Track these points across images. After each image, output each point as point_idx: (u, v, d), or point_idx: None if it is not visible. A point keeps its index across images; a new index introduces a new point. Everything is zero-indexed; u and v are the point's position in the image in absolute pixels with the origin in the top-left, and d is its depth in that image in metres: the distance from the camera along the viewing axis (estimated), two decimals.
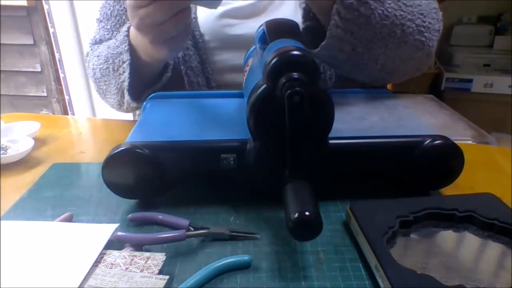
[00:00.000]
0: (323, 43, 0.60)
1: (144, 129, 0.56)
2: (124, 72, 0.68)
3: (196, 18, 0.75)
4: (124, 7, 0.79)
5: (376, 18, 0.57)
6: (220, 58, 0.76)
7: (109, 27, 0.80)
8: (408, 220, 0.45)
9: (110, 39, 0.78)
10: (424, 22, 0.61)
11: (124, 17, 0.79)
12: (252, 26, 0.69)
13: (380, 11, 0.57)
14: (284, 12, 0.75)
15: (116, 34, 0.78)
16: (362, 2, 0.56)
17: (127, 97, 0.69)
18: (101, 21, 0.81)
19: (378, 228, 0.43)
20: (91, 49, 0.80)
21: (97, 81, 0.77)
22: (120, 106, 0.77)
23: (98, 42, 0.80)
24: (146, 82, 0.72)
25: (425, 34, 0.61)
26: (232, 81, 0.76)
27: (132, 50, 0.67)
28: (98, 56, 0.75)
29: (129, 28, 0.68)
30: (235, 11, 0.75)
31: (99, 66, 0.74)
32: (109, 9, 0.80)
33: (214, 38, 0.76)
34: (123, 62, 0.67)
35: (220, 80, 0.77)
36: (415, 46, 0.62)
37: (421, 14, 0.61)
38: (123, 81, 0.69)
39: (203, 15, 0.76)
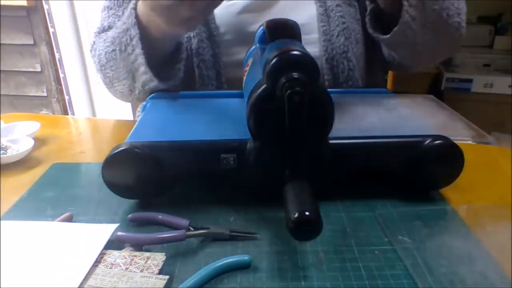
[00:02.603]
0: (395, 28, 0.65)
1: (144, 129, 0.56)
2: (133, 50, 0.63)
3: None
4: None
5: (429, 3, 0.62)
6: (233, 52, 0.75)
7: (120, 13, 0.75)
8: None
9: (110, 24, 0.75)
10: (459, 6, 0.67)
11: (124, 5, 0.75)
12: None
13: None
14: (301, 3, 0.75)
15: (114, 20, 0.75)
16: None
17: (144, 76, 0.65)
18: (110, 8, 0.77)
19: None
20: (98, 37, 0.75)
21: (103, 68, 0.71)
22: (131, 92, 0.72)
23: (106, 29, 0.75)
24: (159, 61, 0.67)
25: (461, 16, 0.68)
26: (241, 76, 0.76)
27: (140, 24, 0.63)
28: (104, 40, 0.71)
29: (136, 2, 0.64)
30: (254, 6, 0.75)
31: (105, 50, 0.69)
32: (109, 1, 0.77)
33: (230, 31, 0.75)
34: (132, 39, 0.63)
35: (230, 75, 0.75)
36: (455, 27, 0.68)
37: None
38: (133, 62, 0.65)
39: (221, 8, 0.72)
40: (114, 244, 0.44)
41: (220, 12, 0.74)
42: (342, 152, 0.50)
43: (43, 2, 1.92)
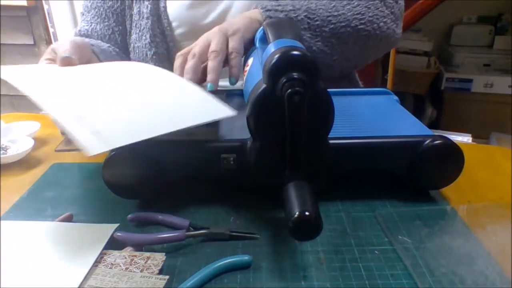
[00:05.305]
0: None
1: None
2: None
3: (165, 7, 0.77)
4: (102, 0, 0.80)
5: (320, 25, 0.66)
6: (186, 45, 0.75)
7: (88, 19, 0.82)
8: None
9: (88, 30, 0.81)
10: (363, 19, 0.68)
11: (102, 9, 0.81)
12: (217, 13, 0.75)
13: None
14: None
15: (95, 26, 0.81)
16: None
17: None
18: (83, 14, 0.84)
19: None
20: None
21: None
22: None
23: (77, 34, 0.82)
24: None
25: (376, 24, 0.70)
26: None
27: None
28: None
29: None
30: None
31: None
32: (89, 1, 0.82)
33: (182, 26, 0.77)
34: None
35: None
36: (364, 35, 0.70)
37: (359, 13, 0.68)
38: None
39: (173, 4, 0.77)
40: (114, 244, 0.44)
41: (172, 8, 0.77)
42: (342, 152, 0.50)
43: (43, 2, 1.92)
